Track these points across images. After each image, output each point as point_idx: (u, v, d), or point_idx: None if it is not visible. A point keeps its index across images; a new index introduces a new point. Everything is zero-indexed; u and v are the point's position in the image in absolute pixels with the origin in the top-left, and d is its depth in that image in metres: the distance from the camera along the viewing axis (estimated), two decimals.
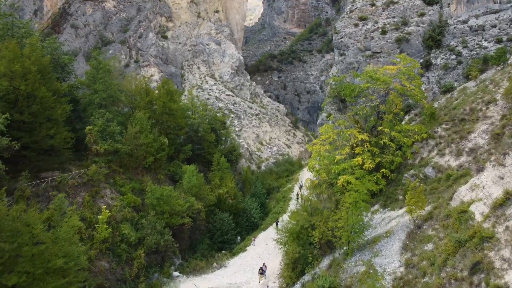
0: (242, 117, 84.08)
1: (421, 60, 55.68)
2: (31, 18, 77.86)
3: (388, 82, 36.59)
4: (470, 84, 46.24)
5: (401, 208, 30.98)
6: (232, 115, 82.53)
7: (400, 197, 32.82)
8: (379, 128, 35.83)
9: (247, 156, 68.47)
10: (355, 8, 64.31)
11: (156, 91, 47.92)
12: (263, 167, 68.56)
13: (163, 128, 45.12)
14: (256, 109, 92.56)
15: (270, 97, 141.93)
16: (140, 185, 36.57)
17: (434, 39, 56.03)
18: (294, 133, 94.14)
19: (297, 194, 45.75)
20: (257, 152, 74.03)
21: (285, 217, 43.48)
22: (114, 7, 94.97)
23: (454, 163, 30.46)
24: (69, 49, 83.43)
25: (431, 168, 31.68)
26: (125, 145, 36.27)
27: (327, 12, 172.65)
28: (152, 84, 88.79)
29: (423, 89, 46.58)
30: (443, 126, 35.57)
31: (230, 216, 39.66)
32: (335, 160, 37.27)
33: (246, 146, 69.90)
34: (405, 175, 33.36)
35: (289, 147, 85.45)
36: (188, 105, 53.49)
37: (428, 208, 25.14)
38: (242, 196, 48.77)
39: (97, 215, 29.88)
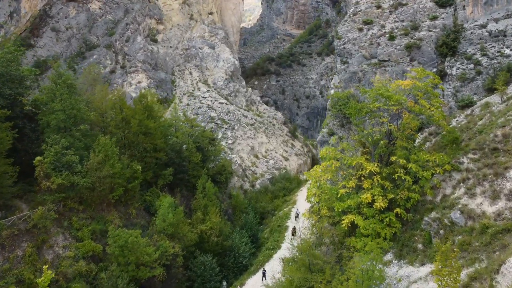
0: (236, 127, 77.83)
1: (434, 70, 49.44)
2: (6, 21, 71.80)
3: (403, 102, 30.39)
4: (494, 98, 39.95)
5: (422, 264, 24.79)
6: (225, 126, 76.25)
7: (420, 246, 26.61)
8: (393, 158, 29.57)
9: (240, 173, 62.24)
10: (359, 11, 58.04)
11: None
12: (257, 185, 62.29)
13: (138, 150, 38.90)
14: (251, 118, 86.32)
15: (267, 102, 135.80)
16: (104, 225, 30.32)
17: (449, 45, 49.79)
18: (292, 144, 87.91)
19: (293, 229, 39.55)
20: (251, 167, 67.77)
21: (281, 255, 37.26)
22: (99, 8, 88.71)
23: (489, 208, 24.23)
24: (49, 54, 77.36)
25: (458, 212, 25.40)
26: (86, 177, 30.09)
27: (327, 13, 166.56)
28: (139, 91, 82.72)
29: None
30: (470, 156, 29.30)
31: (214, 258, 33.42)
32: (339, 195, 31.11)
33: (239, 162, 63.64)
34: (426, 218, 27.10)
35: (286, 159, 79.22)
36: (171, 120, 47.23)
37: (463, 277, 18.95)
38: (231, 226, 42.55)
39: (41, 273, 23.69)
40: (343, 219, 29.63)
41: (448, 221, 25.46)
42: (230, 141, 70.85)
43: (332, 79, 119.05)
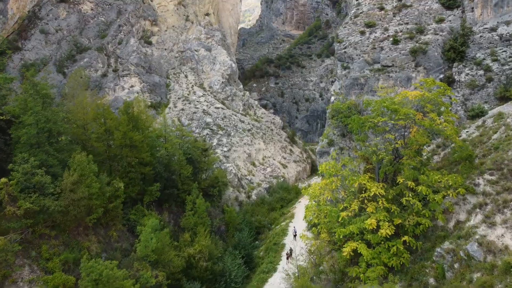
0: (232, 133, 74.74)
1: (441, 76, 46.43)
2: None
3: (411, 116, 27.36)
4: (508, 108, 36.88)
5: None
6: (220, 132, 73.13)
7: (431, 280, 23.57)
8: (400, 180, 26.54)
9: (236, 183, 59.16)
10: (361, 13, 54.97)
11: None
12: (253, 196, 59.19)
13: (121, 165, 35.85)
14: (248, 123, 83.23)
15: (266, 105, 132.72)
16: (78, 253, 27.26)
17: (457, 50, 46.72)
18: (291, 150, 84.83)
19: (289, 251, 36.46)
20: (247, 176, 64.67)
21: (277, 280, 34.22)
22: (91, 10, 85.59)
23: None
24: (38, 57, 74.27)
25: (476, 244, 22.37)
26: (59, 199, 27.05)
27: (327, 14, 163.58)
28: (132, 95, 79.64)
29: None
30: (487, 177, 26.26)
31: (202, 286, 30.35)
32: (340, 218, 28.12)
33: (234, 171, 60.51)
34: (438, 249, 24.06)
35: (285, 167, 76.14)
36: (160, 131, 44.15)
37: None
38: (223, 245, 39.49)
39: None
40: (344, 247, 26.67)
41: (464, 253, 22.43)
42: (225, 149, 67.77)
43: (332, 81, 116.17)
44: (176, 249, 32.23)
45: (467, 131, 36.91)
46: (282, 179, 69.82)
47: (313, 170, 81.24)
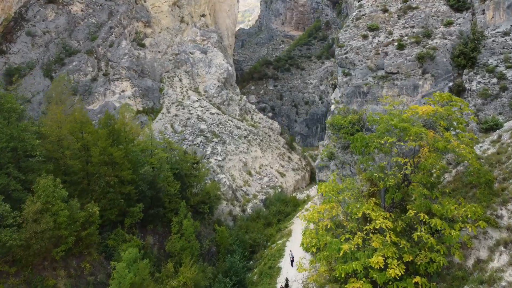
0: (228, 141, 71.26)
1: (451, 84, 42.98)
2: None
3: (423, 136, 23.92)
4: None
5: None
6: (215, 139, 69.65)
7: None
8: (410, 212, 23.10)
9: (230, 196, 55.68)
10: (363, 15, 51.47)
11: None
12: (248, 209, 55.71)
13: (99, 185, 32.38)
14: (245, 129, 79.76)
15: (264, 108, 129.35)
16: None
17: (467, 56, 43.25)
18: (289, 157, 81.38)
19: (285, 282, 32.97)
20: (243, 187, 61.20)
21: None
22: (81, 11, 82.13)
23: None
24: (24, 61, 70.77)
25: None
26: (20, 232, 23.62)
27: (327, 15, 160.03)
28: (123, 100, 76.20)
29: None
30: (511, 207, 22.83)
31: None
32: (341, 252, 24.61)
33: (228, 183, 57.03)
34: None
35: (283, 175, 72.67)
36: (147, 143, 40.65)
37: None
38: (213, 271, 36.02)
39: None
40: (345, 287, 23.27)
41: None
42: (220, 158, 64.31)
43: (332, 84, 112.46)
44: (157, 281, 28.79)
45: (481, 147, 33.47)
46: (279, 189, 66.39)
47: (313, 178, 77.87)
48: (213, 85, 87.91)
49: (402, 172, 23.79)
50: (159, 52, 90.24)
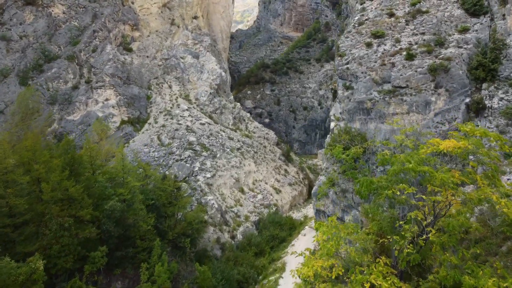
0: (219, 154, 65.77)
1: (468, 100, 37.43)
2: None
3: (451, 185, 18.47)
4: None
5: None
6: (204, 153, 64.12)
7: None
8: (431, 283, 17.66)
9: (218, 220, 50.12)
10: (366, 19, 45.90)
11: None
12: (239, 235, 50.14)
13: (50, 228, 26.89)
14: (239, 140, 74.24)
15: (261, 114, 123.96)
16: None
17: (486, 67, 37.67)
18: (285, 170, 75.85)
19: None
20: (234, 208, 55.66)
21: None
22: (63, 13, 76.56)
23: None
24: None
25: None
26: None
27: (326, 16, 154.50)
28: (107, 110, 70.71)
29: None
30: None
31: None
32: None
33: (216, 205, 51.48)
34: None
35: (278, 192, 67.19)
36: (117, 170, 35.05)
37: None
38: None
39: None
40: None
41: None
42: (209, 175, 58.77)
43: (332, 89, 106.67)
44: None
45: (508, 179, 28.12)
46: (274, 208, 60.90)
47: (310, 193, 72.35)
48: (204, 92, 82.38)
49: (423, 237, 18.24)
50: (147, 57, 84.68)
